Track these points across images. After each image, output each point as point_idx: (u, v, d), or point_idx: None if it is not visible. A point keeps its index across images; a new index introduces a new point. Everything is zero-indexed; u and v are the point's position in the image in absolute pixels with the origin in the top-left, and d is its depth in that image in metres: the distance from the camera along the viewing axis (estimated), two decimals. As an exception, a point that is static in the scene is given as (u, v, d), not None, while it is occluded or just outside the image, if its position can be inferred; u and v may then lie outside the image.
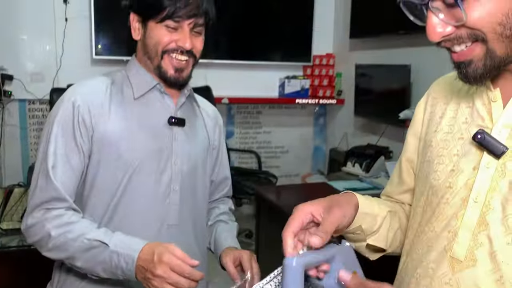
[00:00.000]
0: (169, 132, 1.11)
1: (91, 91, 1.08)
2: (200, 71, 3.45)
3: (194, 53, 1.10)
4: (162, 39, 1.07)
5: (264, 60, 3.61)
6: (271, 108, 3.79)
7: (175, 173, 1.10)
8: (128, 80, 1.12)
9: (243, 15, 3.52)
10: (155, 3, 1.05)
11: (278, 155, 3.87)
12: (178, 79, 1.09)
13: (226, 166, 1.32)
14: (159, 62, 1.09)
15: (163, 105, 1.13)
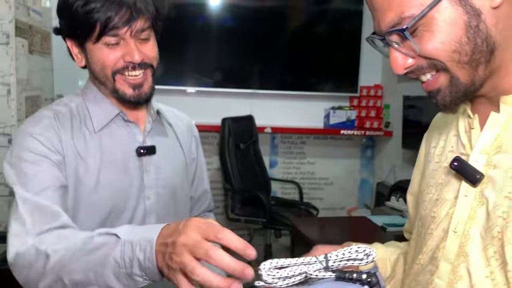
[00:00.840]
0: (139, 164, 1.00)
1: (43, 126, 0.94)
2: (245, 100, 3.50)
3: (148, 63, 0.96)
4: (107, 60, 0.94)
5: (310, 91, 3.60)
6: (315, 139, 3.75)
7: (149, 207, 1.01)
8: (87, 109, 1.00)
9: (290, 46, 3.55)
10: (83, 21, 0.91)
11: (322, 186, 3.79)
12: (140, 96, 0.96)
13: (204, 179, 1.22)
14: (113, 85, 0.96)
15: (129, 135, 1.01)
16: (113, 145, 0.98)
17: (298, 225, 2.19)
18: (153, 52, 0.98)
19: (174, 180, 1.07)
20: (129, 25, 0.91)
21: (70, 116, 0.97)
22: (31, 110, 2.49)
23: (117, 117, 1.00)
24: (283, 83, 3.55)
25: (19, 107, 2.27)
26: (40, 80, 2.65)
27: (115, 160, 0.97)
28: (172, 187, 1.06)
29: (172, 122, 1.12)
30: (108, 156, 0.97)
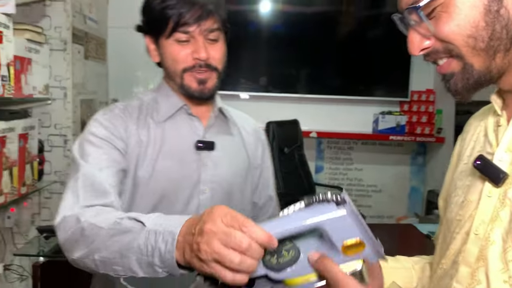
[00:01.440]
0: (196, 158, 1.03)
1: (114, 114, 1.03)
2: (291, 105, 3.50)
3: (213, 65, 1.01)
4: (177, 56, 1.00)
5: (358, 95, 3.54)
6: (363, 144, 3.67)
7: (203, 202, 1.02)
8: (156, 102, 1.07)
9: (339, 50, 3.52)
10: (159, 17, 0.98)
11: (370, 194, 3.71)
12: (203, 91, 1.01)
13: (270, 185, 1.19)
14: (181, 81, 1.02)
15: (191, 128, 1.05)
16: (173, 136, 1.03)
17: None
18: (219, 54, 1.02)
19: (232, 179, 1.07)
20: (198, 23, 0.97)
21: (139, 108, 1.05)
22: (86, 112, 2.63)
23: (181, 110, 1.06)
24: (331, 88, 3.52)
25: (74, 110, 2.40)
26: (95, 85, 2.80)
27: (173, 151, 1.02)
28: (229, 186, 1.06)
29: (239, 123, 1.14)
30: (168, 146, 1.02)
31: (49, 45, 2.21)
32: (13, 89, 1.67)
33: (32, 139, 1.88)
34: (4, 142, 1.64)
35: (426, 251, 0.87)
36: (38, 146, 2.00)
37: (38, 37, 1.93)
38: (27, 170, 1.86)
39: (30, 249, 2.12)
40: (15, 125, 1.73)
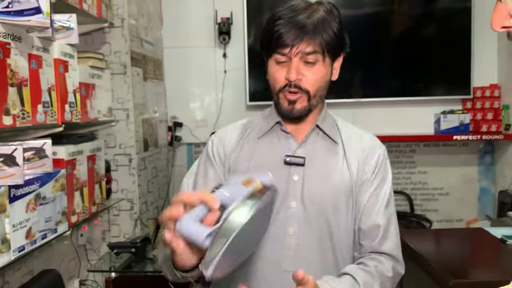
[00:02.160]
0: (286, 172, 1.06)
1: (225, 133, 1.15)
2: (346, 110, 3.45)
3: (304, 88, 1.03)
4: (274, 75, 1.04)
5: (417, 96, 3.42)
6: (426, 146, 3.54)
7: (290, 216, 1.03)
8: (259, 120, 1.15)
9: (394, 51, 3.43)
10: (265, 36, 1.04)
11: (436, 197, 3.55)
12: (291, 111, 1.05)
13: (378, 212, 1.08)
14: (277, 100, 1.07)
15: (283, 144, 1.09)
16: (266, 151, 1.09)
17: (405, 238, 2.08)
18: (313, 78, 1.03)
19: (325, 197, 1.05)
20: (296, 45, 0.99)
21: (245, 127, 1.15)
22: (148, 131, 2.74)
23: (276, 127, 1.11)
24: (387, 90, 3.43)
25: (137, 129, 2.51)
26: (154, 104, 2.91)
27: (262, 165, 1.07)
28: (322, 204, 1.04)
29: (345, 141, 1.11)
30: (260, 160, 1.08)
31: (110, 69, 2.34)
32: (79, 114, 1.78)
33: (99, 160, 1.99)
34: (74, 165, 1.74)
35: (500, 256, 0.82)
36: (105, 166, 2.11)
37: (100, 63, 2.04)
38: (96, 190, 1.96)
39: (102, 264, 2.22)
40: (83, 148, 1.84)
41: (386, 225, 1.08)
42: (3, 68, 1.29)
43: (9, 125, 1.31)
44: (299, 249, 1.03)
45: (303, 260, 1.02)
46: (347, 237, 1.07)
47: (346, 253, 1.07)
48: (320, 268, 1.01)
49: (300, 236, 1.03)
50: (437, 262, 1.77)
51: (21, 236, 1.40)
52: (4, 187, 1.29)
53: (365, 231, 1.08)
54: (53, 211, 1.57)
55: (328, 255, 1.05)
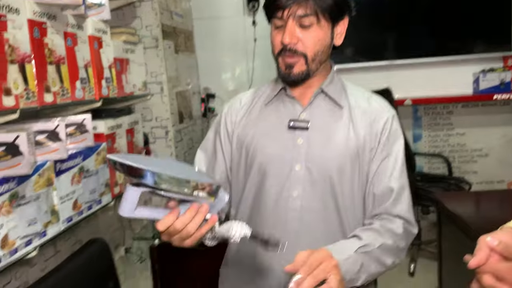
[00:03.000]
0: (290, 136, 1.08)
1: (236, 101, 1.19)
2: (381, 73, 3.38)
3: (299, 51, 1.03)
4: (273, 42, 1.07)
5: (454, 55, 3.30)
6: (464, 107, 3.43)
7: (294, 179, 1.06)
8: (268, 87, 1.18)
9: (428, 8, 3.29)
10: (265, 3, 1.07)
11: (476, 159, 3.47)
12: (289, 75, 1.06)
13: (391, 175, 1.08)
14: (277, 65, 1.09)
15: (289, 109, 1.11)
16: (272, 116, 1.12)
17: (444, 201, 2.06)
18: (310, 40, 1.03)
19: (329, 160, 1.06)
20: (289, 8, 1.00)
21: (255, 95, 1.18)
22: (182, 104, 2.78)
23: (282, 93, 1.12)
24: (423, 50, 3.32)
25: (171, 102, 2.55)
26: (187, 76, 2.94)
27: (268, 129, 1.10)
28: (325, 166, 1.06)
29: (353, 105, 1.11)
30: (266, 125, 1.11)
31: (143, 43, 2.36)
32: (116, 88, 1.82)
33: (137, 133, 2.04)
34: (114, 139, 1.80)
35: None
36: (143, 139, 2.17)
37: (132, 38, 2.07)
38: (136, 162, 2.02)
39: (146, 233, 2.32)
40: (122, 122, 1.89)
41: (399, 190, 1.08)
42: (41, 47, 1.33)
43: (51, 102, 1.37)
44: (303, 211, 1.05)
45: (307, 222, 1.05)
46: (352, 201, 1.08)
47: (352, 217, 1.08)
48: (324, 230, 1.04)
49: (304, 198, 1.06)
50: (476, 225, 1.75)
51: (68, 208, 1.47)
52: (50, 162, 1.36)
53: (377, 195, 1.08)
54: (97, 183, 1.64)
55: (332, 217, 1.07)
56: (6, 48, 1.16)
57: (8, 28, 1.17)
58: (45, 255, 1.69)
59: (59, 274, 1.52)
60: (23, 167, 1.18)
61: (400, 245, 1.04)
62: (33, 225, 1.29)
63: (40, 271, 1.63)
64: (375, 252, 0.99)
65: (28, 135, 1.19)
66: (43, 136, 1.35)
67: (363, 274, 0.96)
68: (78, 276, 1.58)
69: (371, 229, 1.03)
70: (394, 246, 1.02)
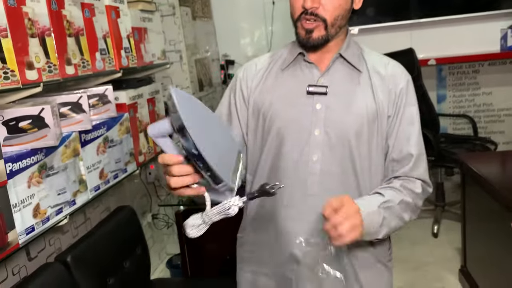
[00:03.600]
0: (309, 101, 1.07)
1: (251, 65, 1.17)
2: (404, 33, 3.28)
3: (320, 16, 1.02)
4: (293, 5, 1.05)
5: (480, 11, 3.17)
6: (491, 65, 3.32)
7: (313, 144, 1.07)
8: (284, 51, 1.15)
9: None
10: None
11: (503, 118, 3.38)
12: (308, 40, 1.04)
13: (410, 139, 1.09)
14: (295, 30, 1.06)
15: (306, 74, 1.10)
16: (290, 82, 1.10)
17: (468, 161, 2.04)
18: (331, 6, 1.02)
19: (347, 125, 1.07)
20: None
21: (269, 60, 1.16)
22: (202, 71, 2.78)
23: (299, 58, 1.11)
24: (447, 7, 3.20)
25: (190, 70, 2.55)
26: (205, 43, 2.92)
27: (286, 95, 1.09)
28: (344, 131, 1.07)
29: (371, 69, 1.11)
30: (284, 90, 1.10)
31: (160, 11, 2.35)
32: (135, 58, 1.83)
33: (158, 102, 2.06)
34: (136, 108, 1.83)
35: None
36: (164, 108, 2.19)
37: (149, 6, 2.06)
38: (158, 131, 2.05)
39: (171, 199, 2.37)
40: (143, 91, 1.91)
41: (417, 155, 1.10)
42: (60, 19, 1.34)
43: (72, 74, 1.39)
44: (323, 174, 1.07)
45: (327, 187, 1.07)
46: (369, 164, 1.09)
47: (368, 180, 1.09)
48: (342, 192, 1.03)
49: (323, 162, 1.07)
50: (501, 185, 1.73)
51: (95, 177, 1.52)
52: (75, 133, 1.39)
53: (396, 160, 1.10)
54: (121, 153, 1.68)
55: (350, 180, 1.08)
56: (26, 22, 1.18)
57: (27, 2, 1.18)
58: (76, 223, 1.76)
59: (90, 240, 1.58)
60: (49, 139, 1.22)
61: (417, 203, 1.09)
62: (63, 194, 1.34)
63: (72, 238, 1.71)
64: (396, 208, 1.03)
65: (52, 107, 1.22)
66: (67, 108, 1.38)
67: (385, 228, 1.02)
68: (107, 241, 1.65)
69: (392, 188, 1.07)
70: (413, 203, 1.07)
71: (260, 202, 1.14)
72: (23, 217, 1.17)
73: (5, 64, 1.08)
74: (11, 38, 1.10)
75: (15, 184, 1.14)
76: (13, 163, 1.13)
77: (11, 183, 1.12)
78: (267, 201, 1.10)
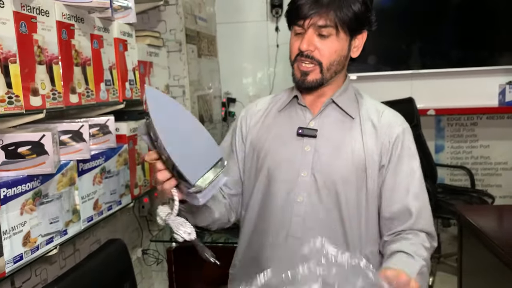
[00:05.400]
0: (299, 143, 1.10)
1: (253, 105, 1.22)
2: (404, 82, 3.34)
3: (316, 59, 1.04)
4: (292, 47, 1.09)
5: (480, 66, 3.25)
6: (489, 119, 3.37)
7: (300, 185, 1.07)
8: (283, 94, 1.20)
9: (454, 18, 3.25)
10: (288, 8, 1.09)
11: (500, 172, 3.39)
12: (303, 82, 1.07)
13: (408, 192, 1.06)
14: (292, 71, 1.10)
15: (300, 116, 1.13)
16: (284, 123, 1.14)
17: (466, 213, 2.02)
18: (327, 50, 1.05)
19: (335, 169, 1.07)
20: (310, 18, 1.03)
21: (270, 101, 1.21)
22: (203, 107, 2.80)
23: (294, 100, 1.15)
24: (447, 60, 3.28)
25: (192, 105, 2.57)
26: (209, 80, 2.96)
27: (280, 135, 1.13)
28: (330, 175, 1.06)
29: (364, 117, 1.11)
30: (278, 131, 1.14)
31: (166, 47, 2.39)
32: (139, 91, 1.84)
33: (158, 136, 2.06)
34: (135, 140, 1.82)
35: None
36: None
37: (156, 41, 2.10)
38: (156, 164, 2.04)
39: (163, 235, 2.33)
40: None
41: (420, 208, 1.07)
42: (69, 48, 1.36)
43: (76, 103, 1.39)
44: (306, 217, 1.07)
45: (310, 228, 1.06)
46: (357, 213, 1.07)
47: (356, 229, 1.07)
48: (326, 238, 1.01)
49: (308, 204, 1.07)
50: (500, 239, 1.71)
51: (89, 207, 1.49)
52: (73, 161, 1.38)
53: (396, 213, 1.06)
54: (117, 184, 1.66)
55: (335, 226, 1.07)
56: (35, 49, 1.19)
57: (38, 30, 1.20)
58: (64, 253, 1.71)
59: (78, 273, 1.53)
60: (47, 166, 1.20)
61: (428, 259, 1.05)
62: (55, 224, 1.31)
63: (59, 269, 1.66)
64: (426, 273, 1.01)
65: (53, 134, 1.21)
66: (67, 136, 1.38)
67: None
68: (95, 275, 1.60)
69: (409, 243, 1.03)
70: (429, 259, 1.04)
71: (249, 238, 1.15)
72: (12, 244, 1.14)
73: (10, 89, 1.08)
74: (19, 64, 1.10)
75: (7, 210, 1.11)
76: (8, 189, 1.11)
77: (3, 209, 1.09)
78: (255, 239, 1.12)
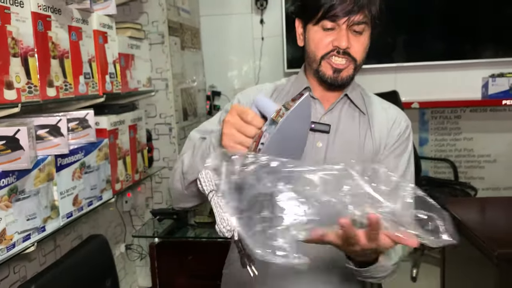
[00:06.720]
0: (310, 138, 1.07)
1: (252, 91, 1.16)
2: (389, 76, 3.34)
3: (352, 55, 1.03)
4: (320, 42, 1.03)
5: (464, 59, 3.26)
6: (472, 112, 3.39)
7: None
8: (290, 85, 1.15)
9: (439, 11, 3.26)
10: (311, 4, 1.03)
11: (483, 164, 3.43)
12: (336, 79, 1.04)
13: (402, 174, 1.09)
14: (317, 67, 1.06)
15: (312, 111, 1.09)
16: None
17: (449, 206, 2.03)
18: (361, 47, 1.04)
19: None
20: (348, 17, 1.00)
21: (272, 91, 1.16)
22: (187, 101, 2.77)
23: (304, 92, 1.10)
24: (432, 53, 3.28)
25: (176, 99, 2.54)
26: (192, 73, 2.92)
27: None
28: None
29: (371, 112, 1.11)
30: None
31: (148, 39, 2.35)
32: (120, 84, 1.81)
33: (140, 129, 2.03)
34: (116, 134, 1.79)
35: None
36: (146, 135, 2.16)
37: (138, 34, 2.06)
38: (139, 158, 2.02)
39: (146, 230, 2.31)
40: (125, 118, 1.88)
41: None
42: (45, 40, 1.32)
43: (53, 97, 1.35)
44: None
45: None
46: None
47: None
48: None
49: None
50: (482, 232, 1.72)
51: (68, 203, 1.46)
52: (50, 156, 1.35)
53: None
54: (98, 179, 1.63)
55: None
56: (9, 41, 1.15)
57: (12, 21, 1.16)
58: (44, 250, 1.68)
59: (57, 269, 1.50)
60: (23, 161, 1.17)
61: None
62: (32, 220, 1.28)
63: (39, 266, 1.62)
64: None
65: (29, 129, 1.18)
66: (44, 130, 1.34)
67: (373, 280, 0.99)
68: (76, 271, 1.57)
69: None
70: None
71: None
72: (-13, 242, 1.11)
73: (-18, 82, 1.04)
74: (-9, 56, 1.07)
75: (-19, 207, 1.08)
76: (-19, 185, 1.08)
77: (-23, 206, 1.06)
78: None
